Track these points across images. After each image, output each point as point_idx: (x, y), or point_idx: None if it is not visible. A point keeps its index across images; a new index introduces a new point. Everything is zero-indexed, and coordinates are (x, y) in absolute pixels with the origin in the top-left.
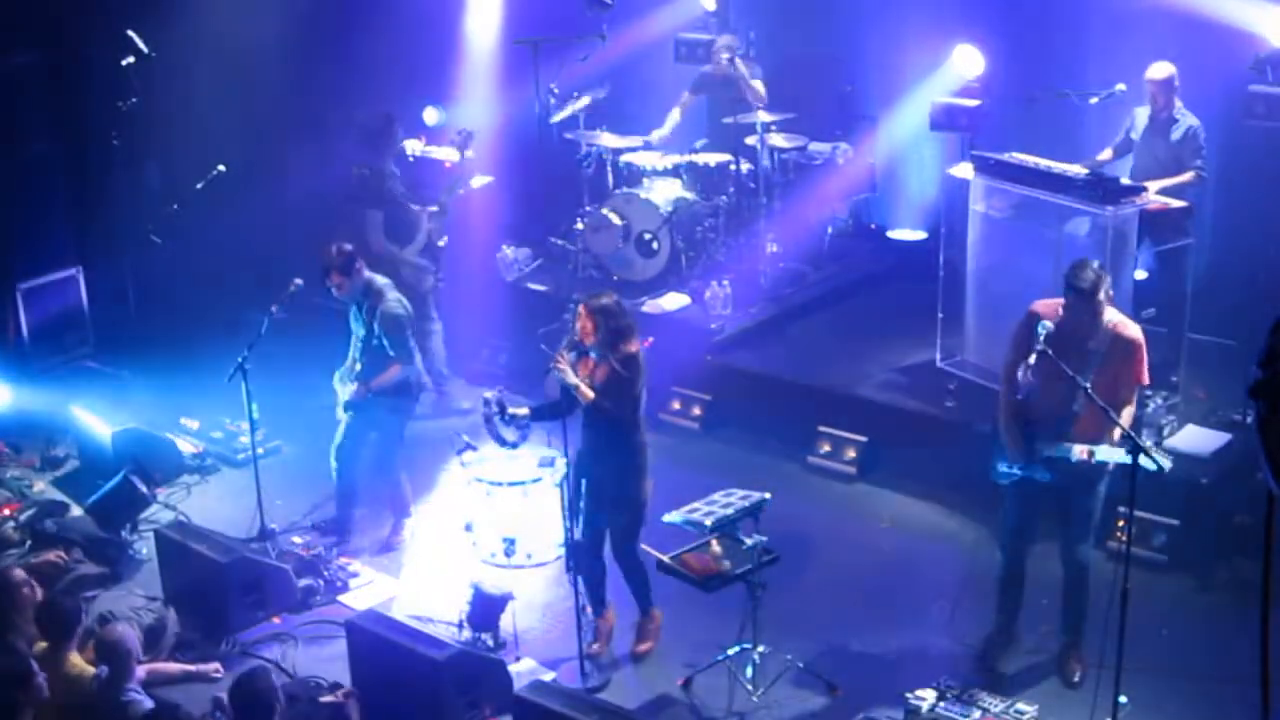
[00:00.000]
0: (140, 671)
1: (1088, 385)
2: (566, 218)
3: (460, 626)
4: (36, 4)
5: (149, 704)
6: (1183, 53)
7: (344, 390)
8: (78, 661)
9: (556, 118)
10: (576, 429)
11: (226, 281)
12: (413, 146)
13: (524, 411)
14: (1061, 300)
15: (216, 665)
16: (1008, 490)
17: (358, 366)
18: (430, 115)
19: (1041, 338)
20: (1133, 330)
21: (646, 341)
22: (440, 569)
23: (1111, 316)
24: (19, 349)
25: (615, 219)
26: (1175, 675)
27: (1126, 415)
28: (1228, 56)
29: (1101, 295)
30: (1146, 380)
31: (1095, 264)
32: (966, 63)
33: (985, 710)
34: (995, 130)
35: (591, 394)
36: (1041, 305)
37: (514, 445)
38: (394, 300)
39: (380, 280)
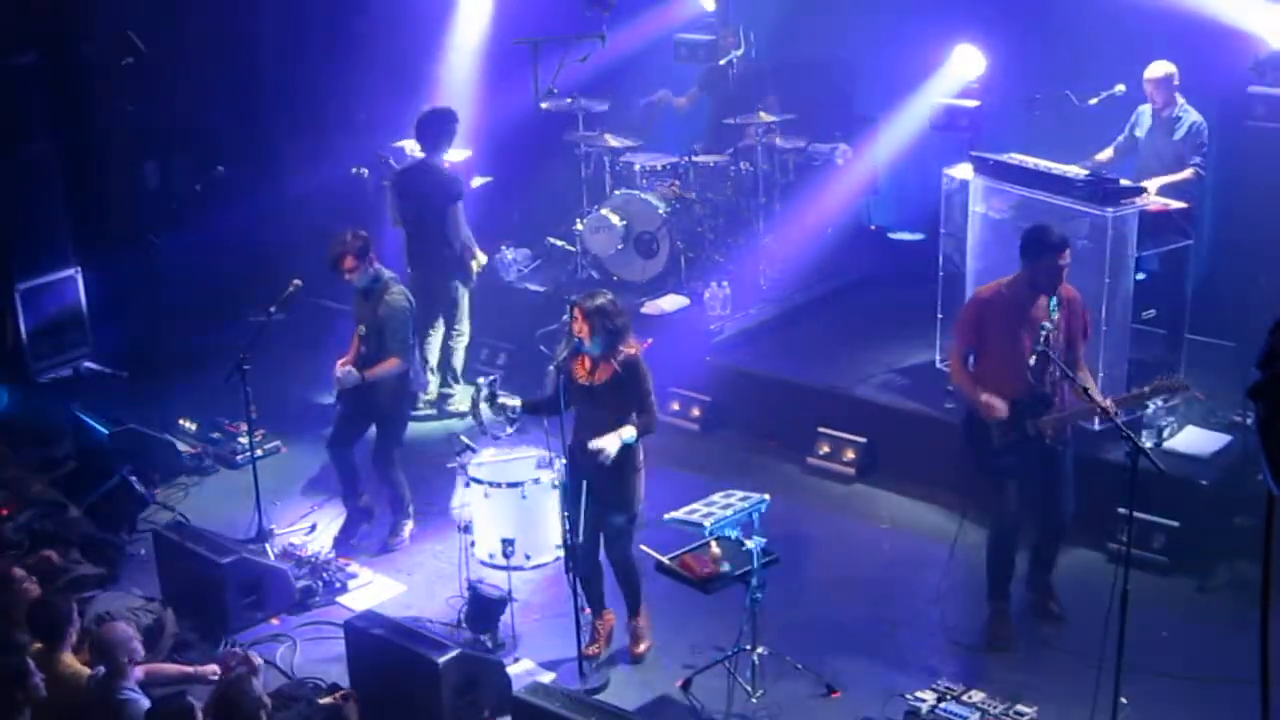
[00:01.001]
0: (138, 672)
1: (1080, 382)
2: (566, 218)
3: (459, 627)
4: (35, 4)
5: (146, 703)
6: (1182, 54)
7: (340, 376)
8: (72, 662)
9: (545, 105)
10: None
11: (225, 282)
12: (411, 146)
13: (515, 402)
14: (1002, 280)
15: (214, 667)
16: (1003, 475)
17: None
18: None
19: (1043, 338)
20: (1074, 290)
21: (646, 342)
22: (439, 570)
23: None
24: (17, 349)
25: (615, 220)
26: (1175, 676)
27: (1086, 372)
28: (1227, 58)
29: (1067, 251)
30: (1091, 333)
31: (1052, 224)
32: (967, 63)
33: (985, 712)
34: (995, 131)
35: (634, 431)
36: (984, 290)
37: (497, 436)
38: (399, 293)
39: (388, 273)
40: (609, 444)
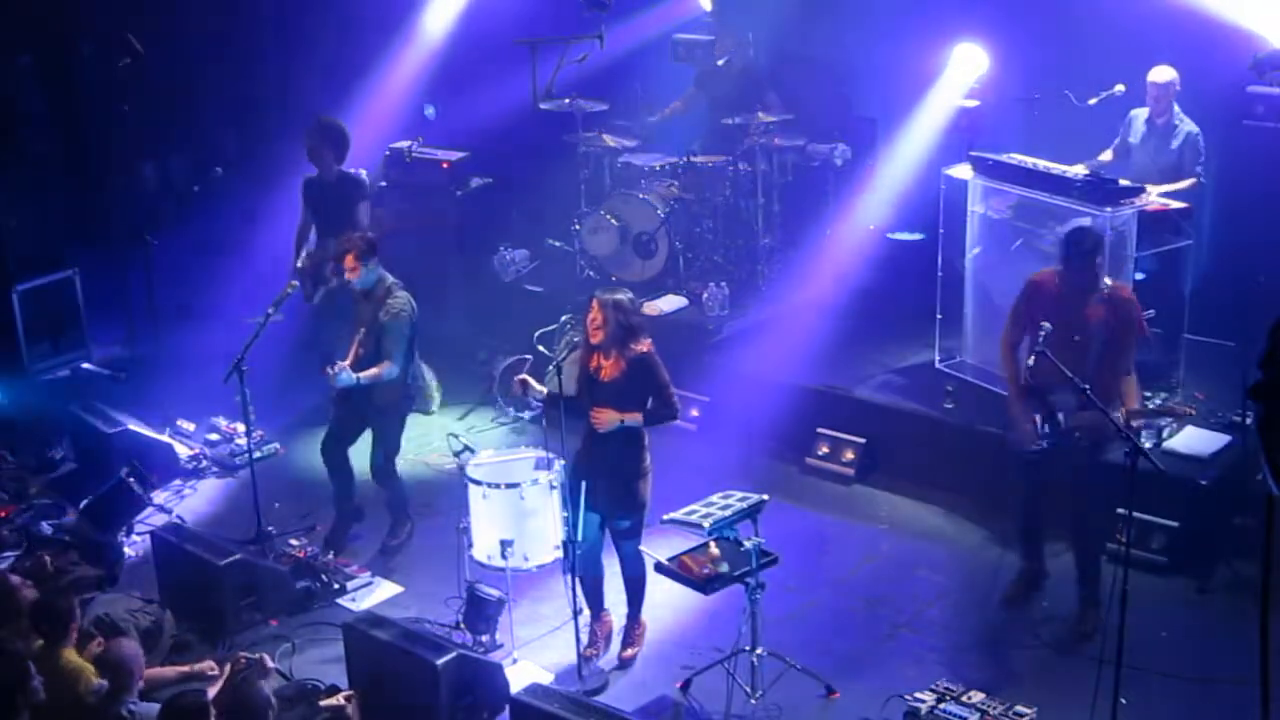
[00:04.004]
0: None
1: (1086, 387)
2: (564, 219)
3: (457, 629)
4: (34, 5)
5: (145, 710)
6: (1182, 53)
7: (335, 373)
8: (74, 658)
9: (544, 105)
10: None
11: (223, 283)
12: (408, 147)
13: (542, 390)
14: (1059, 268)
15: (210, 663)
16: (1026, 464)
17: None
18: (429, 112)
19: (1042, 338)
20: (1128, 290)
21: (645, 343)
22: (437, 571)
23: (1108, 280)
24: (16, 350)
25: (613, 220)
26: (1175, 676)
27: (1128, 378)
28: (1227, 57)
29: (1100, 256)
30: (1147, 331)
31: (1091, 226)
32: (969, 62)
33: (985, 712)
34: (994, 131)
35: (639, 415)
36: (1039, 275)
37: (519, 417)
38: (402, 299)
39: (391, 278)
40: (608, 417)
